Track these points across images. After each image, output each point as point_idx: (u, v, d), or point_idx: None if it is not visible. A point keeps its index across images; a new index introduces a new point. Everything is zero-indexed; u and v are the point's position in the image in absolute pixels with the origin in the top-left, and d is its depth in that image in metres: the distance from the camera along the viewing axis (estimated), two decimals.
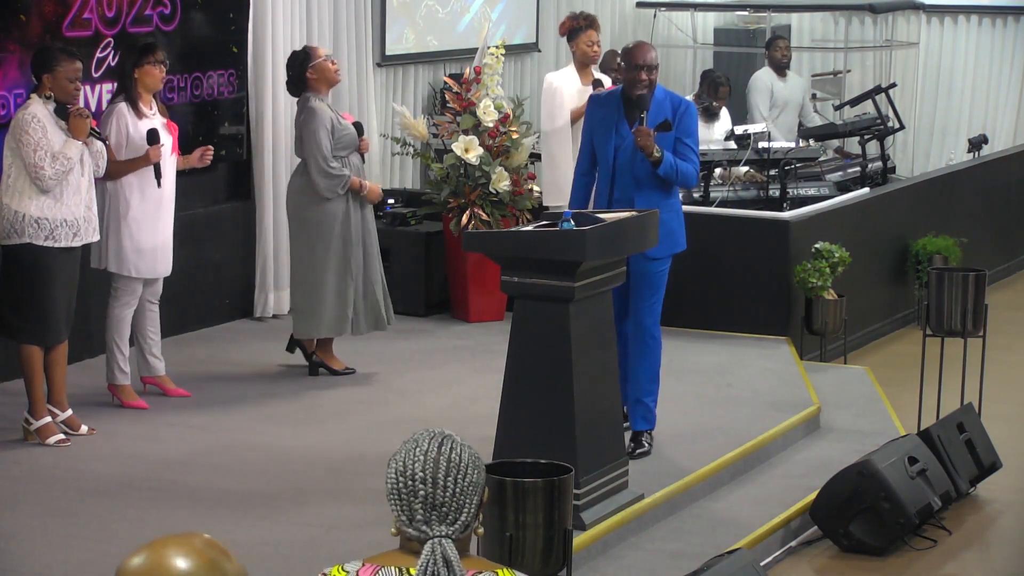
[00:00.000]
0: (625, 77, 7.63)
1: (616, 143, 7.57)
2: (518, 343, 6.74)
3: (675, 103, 7.61)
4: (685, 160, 7.56)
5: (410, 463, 2.98)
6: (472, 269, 10.21)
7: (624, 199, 7.55)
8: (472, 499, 2.99)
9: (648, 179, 7.53)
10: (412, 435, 3.04)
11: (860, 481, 7.21)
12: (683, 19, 15.25)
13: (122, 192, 8.13)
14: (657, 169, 7.47)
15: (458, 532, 2.97)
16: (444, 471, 2.97)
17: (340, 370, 9.00)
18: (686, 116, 7.60)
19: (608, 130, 7.60)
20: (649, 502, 7.10)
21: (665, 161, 7.47)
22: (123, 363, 8.25)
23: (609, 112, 7.64)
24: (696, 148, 7.66)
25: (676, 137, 7.54)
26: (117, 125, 8.11)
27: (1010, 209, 13.37)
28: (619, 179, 7.58)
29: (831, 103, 14.05)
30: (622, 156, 7.55)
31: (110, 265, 8.17)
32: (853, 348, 10.54)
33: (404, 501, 2.97)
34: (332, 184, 8.70)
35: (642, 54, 7.55)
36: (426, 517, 2.96)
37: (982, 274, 8.81)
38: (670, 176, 7.52)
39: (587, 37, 9.58)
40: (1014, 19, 15.53)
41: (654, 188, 7.55)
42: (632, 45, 7.74)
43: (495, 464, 5.93)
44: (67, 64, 7.59)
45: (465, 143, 10.11)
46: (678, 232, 7.72)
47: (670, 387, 8.99)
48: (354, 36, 11.00)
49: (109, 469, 7.36)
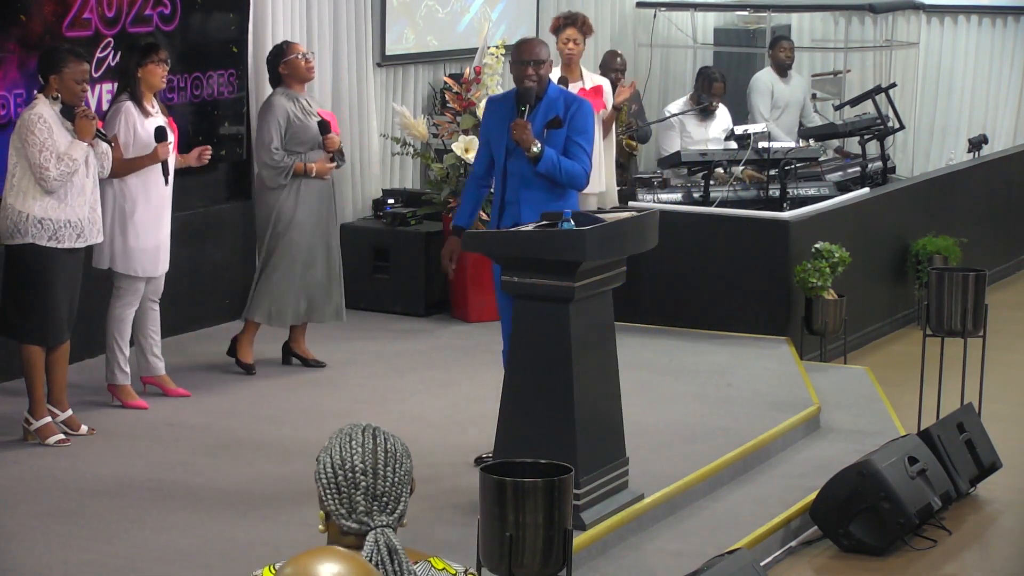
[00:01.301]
0: (514, 73, 7.43)
1: (508, 143, 7.36)
2: (518, 343, 6.74)
3: (568, 100, 7.39)
4: (574, 159, 7.28)
5: (347, 455, 3.01)
6: (472, 269, 10.21)
7: (513, 200, 7.35)
8: (407, 488, 3.06)
9: (536, 179, 7.29)
10: (338, 430, 3.07)
11: (860, 481, 7.21)
12: (683, 19, 15.24)
13: (128, 192, 8.14)
14: (536, 165, 7.22)
15: (396, 522, 3.03)
16: (383, 461, 3.02)
17: (309, 360, 9.16)
18: (579, 114, 7.34)
19: (501, 130, 7.39)
20: (649, 502, 7.10)
21: (545, 157, 7.21)
22: (123, 363, 8.25)
23: (503, 112, 7.43)
24: (589, 149, 7.34)
25: (567, 135, 7.30)
26: (125, 123, 8.12)
27: (1010, 209, 13.37)
28: (510, 180, 7.38)
29: (831, 103, 14.04)
30: (513, 157, 7.35)
31: (116, 265, 8.17)
32: (853, 348, 10.54)
33: (344, 494, 3.00)
34: (273, 174, 8.88)
35: (530, 49, 7.38)
36: (368, 508, 3.00)
37: (982, 274, 8.81)
38: (552, 173, 7.24)
39: (563, 36, 9.63)
40: (1014, 19, 15.53)
41: (543, 189, 7.29)
42: (521, 40, 7.61)
43: (495, 464, 5.93)
44: (75, 65, 7.59)
45: (465, 143, 10.11)
46: None
47: (670, 387, 9.01)
48: (354, 36, 11.00)
49: (109, 469, 7.36)
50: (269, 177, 8.89)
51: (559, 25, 9.69)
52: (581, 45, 9.67)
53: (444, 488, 7.11)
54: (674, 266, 10.17)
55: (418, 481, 3.22)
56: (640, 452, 7.36)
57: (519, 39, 7.70)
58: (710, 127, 12.02)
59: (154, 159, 8.12)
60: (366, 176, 11.14)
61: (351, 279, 10.66)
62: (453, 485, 7.13)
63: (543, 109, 7.33)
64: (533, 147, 7.22)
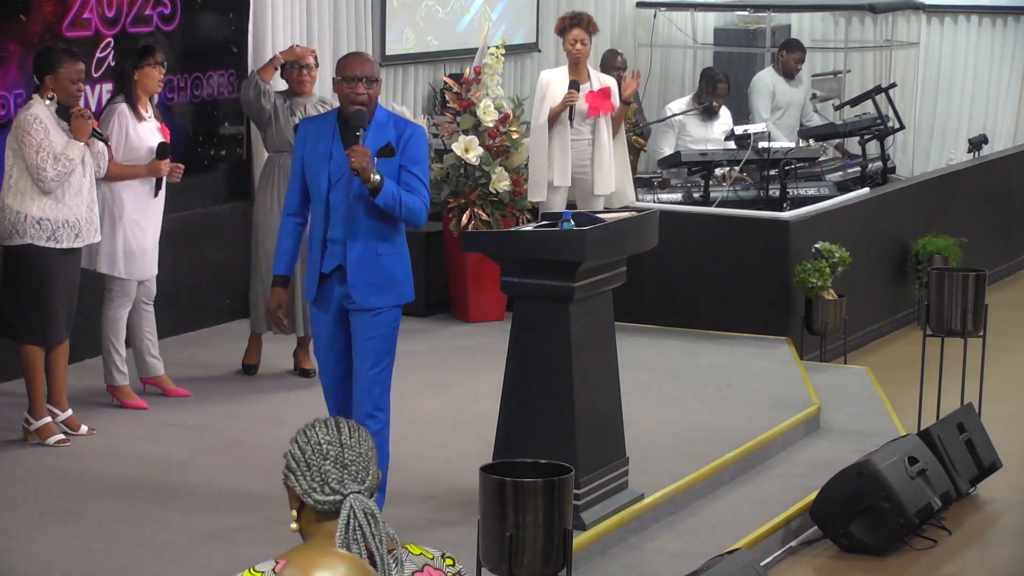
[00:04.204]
0: (340, 92, 6.41)
1: (330, 172, 6.39)
2: (518, 343, 6.74)
3: (400, 126, 6.45)
4: (413, 193, 6.37)
5: (312, 434, 3.10)
6: (472, 269, 10.21)
7: (337, 239, 6.40)
8: (374, 463, 3.11)
9: (367, 215, 6.37)
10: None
11: (860, 481, 7.21)
12: (683, 19, 15.24)
13: (118, 195, 8.13)
14: (375, 198, 6.27)
15: (368, 492, 3.07)
16: (347, 434, 3.10)
17: (307, 369, 9.00)
18: (412, 141, 6.42)
19: (321, 157, 6.40)
20: (649, 502, 7.10)
21: (385, 189, 6.26)
22: (120, 364, 8.25)
23: (322, 136, 6.43)
24: (426, 180, 6.47)
25: (401, 165, 6.37)
26: (118, 125, 8.11)
27: (1010, 209, 13.37)
28: (333, 215, 6.40)
29: (831, 103, 14.04)
30: (337, 188, 6.39)
31: (100, 266, 8.16)
32: (853, 348, 10.54)
33: (314, 467, 3.06)
34: (246, 84, 8.93)
35: (360, 64, 6.42)
36: (339, 476, 3.05)
37: (982, 274, 8.81)
38: (392, 209, 6.32)
39: (571, 36, 9.63)
40: (1014, 19, 15.53)
41: (374, 226, 6.39)
42: (348, 55, 6.63)
43: (495, 464, 5.93)
44: (69, 65, 7.59)
45: (465, 143, 10.11)
46: (404, 280, 6.58)
47: (670, 387, 9.01)
48: (354, 36, 11.00)
49: (109, 469, 7.37)
50: (243, 87, 8.95)
51: (565, 26, 9.70)
52: (588, 45, 9.70)
53: (444, 488, 7.10)
54: (674, 266, 10.17)
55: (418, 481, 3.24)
56: (640, 452, 7.36)
57: (344, 54, 6.80)
58: (713, 127, 12.03)
59: (152, 172, 8.13)
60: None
61: None
62: (453, 485, 7.13)
63: (372, 134, 6.38)
64: (373, 176, 6.27)
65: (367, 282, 6.44)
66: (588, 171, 9.72)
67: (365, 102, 6.37)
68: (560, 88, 9.64)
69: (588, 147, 9.71)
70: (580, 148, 9.70)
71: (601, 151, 9.70)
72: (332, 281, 6.47)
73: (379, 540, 3.00)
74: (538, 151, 9.69)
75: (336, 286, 6.47)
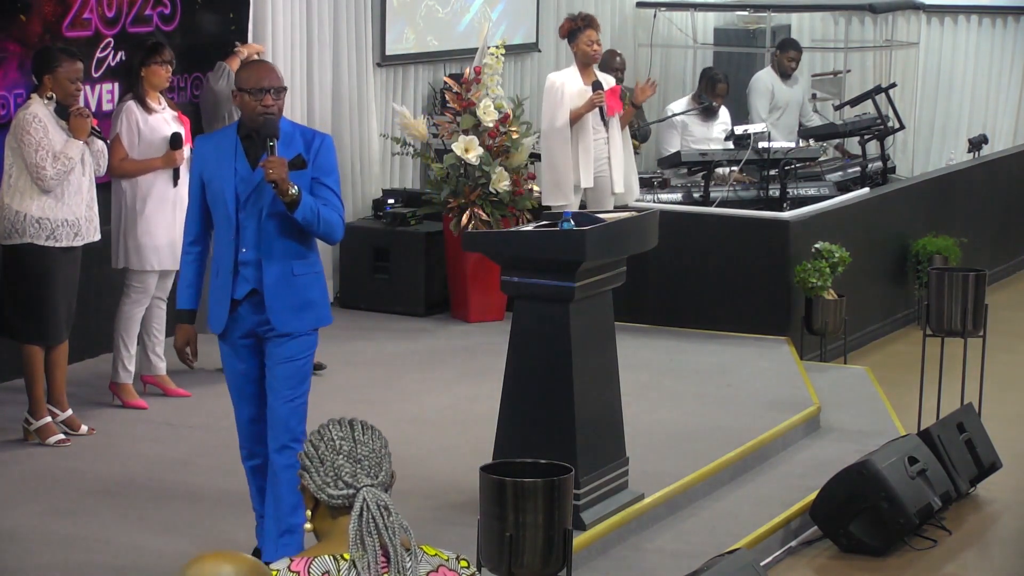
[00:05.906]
0: (245, 105, 5.99)
1: (237, 190, 5.97)
2: (518, 343, 6.74)
3: (307, 136, 6.04)
4: (326, 204, 5.95)
5: (325, 431, 3.18)
6: (472, 269, 10.21)
7: (250, 261, 5.98)
8: (387, 461, 3.18)
9: (280, 233, 5.96)
10: None
11: (860, 481, 7.21)
12: (683, 19, 15.24)
13: (139, 190, 8.16)
14: (294, 212, 5.86)
15: (381, 487, 3.14)
16: (360, 430, 3.18)
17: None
18: (322, 151, 6.00)
19: (224, 176, 5.98)
20: (649, 502, 7.10)
21: (304, 203, 5.85)
22: (128, 362, 8.26)
23: (223, 154, 6.02)
24: (339, 191, 6.04)
25: (313, 177, 5.95)
26: (127, 121, 8.16)
27: (1010, 209, 13.37)
28: (244, 236, 5.98)
29: (831, 103, 14.04)
30: (246, 207, 5.98)
31: (130, 263, 8.18)
32: (853, 348, 10.54)
33: (327, 463, 3.13)
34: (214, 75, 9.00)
35: (267, 75, 6.00)
36: (352, 470, 3.12)
37: (982, 274, 8.81)
38: (310, 224, 5.91)
39: (586, 37, 9.62)
40: (1014, 19, 15.53)
41: (289, 245, 5.98)
42: (252, 65, 6.28)
43: (495, 464, 5.93)
44: (68, 65, 7.60)
45: (465, 143, 10.11)
46: (322, 303, 6.13)
47: (670, 387, 9.01)
48: (354, 36, 11.00)
49: (109, 469, 7.37)
50: (213, 77, 9.00)
51: (578, 27, 9.66)
52: (603, 46, 9.74)
53: (444, 488, 7.10)
54: (674, 266, 10.17)
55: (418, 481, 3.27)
56: (640, 452, 7.36)
57: (249, 63, 6.48)
58: (713, 127, 12.04)
59: (168, 163, 8.18)
60: (366, 176, 11.14)
61: (351, 279, 10.68)
62: (453, 485, 7.12)
63: (280, 147, 5.94)
64: (291, 189, 5.84)
65: (285, 306, 6.00)
66: (606, 170, 9.74)
67: (274, 114, 5.95)
68: (576, 89, 9.62)
69: (605, 146, 9.74)
70: (598, 148, 9.72)
71: (616, 150, 9.75)
72: (244, 308, 6.05)
73: (392, 532, 3.04)
74: (559, 154, 9.65)
75: (250, 314, 6.05)
